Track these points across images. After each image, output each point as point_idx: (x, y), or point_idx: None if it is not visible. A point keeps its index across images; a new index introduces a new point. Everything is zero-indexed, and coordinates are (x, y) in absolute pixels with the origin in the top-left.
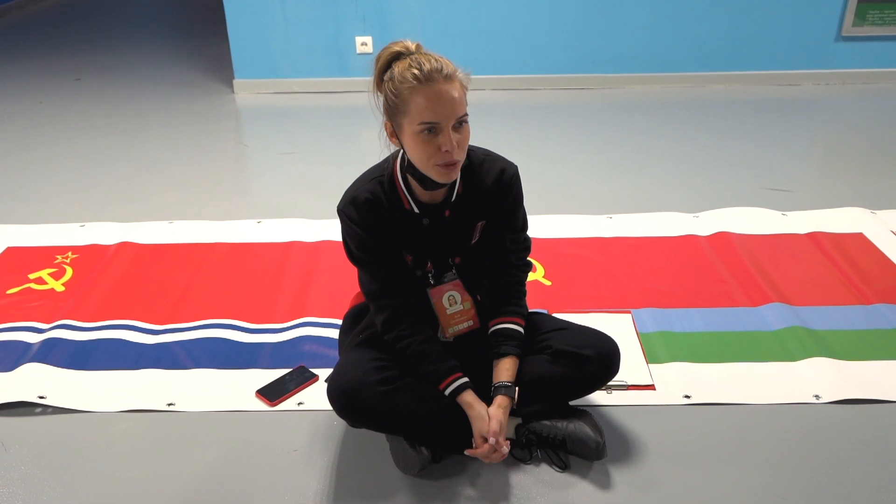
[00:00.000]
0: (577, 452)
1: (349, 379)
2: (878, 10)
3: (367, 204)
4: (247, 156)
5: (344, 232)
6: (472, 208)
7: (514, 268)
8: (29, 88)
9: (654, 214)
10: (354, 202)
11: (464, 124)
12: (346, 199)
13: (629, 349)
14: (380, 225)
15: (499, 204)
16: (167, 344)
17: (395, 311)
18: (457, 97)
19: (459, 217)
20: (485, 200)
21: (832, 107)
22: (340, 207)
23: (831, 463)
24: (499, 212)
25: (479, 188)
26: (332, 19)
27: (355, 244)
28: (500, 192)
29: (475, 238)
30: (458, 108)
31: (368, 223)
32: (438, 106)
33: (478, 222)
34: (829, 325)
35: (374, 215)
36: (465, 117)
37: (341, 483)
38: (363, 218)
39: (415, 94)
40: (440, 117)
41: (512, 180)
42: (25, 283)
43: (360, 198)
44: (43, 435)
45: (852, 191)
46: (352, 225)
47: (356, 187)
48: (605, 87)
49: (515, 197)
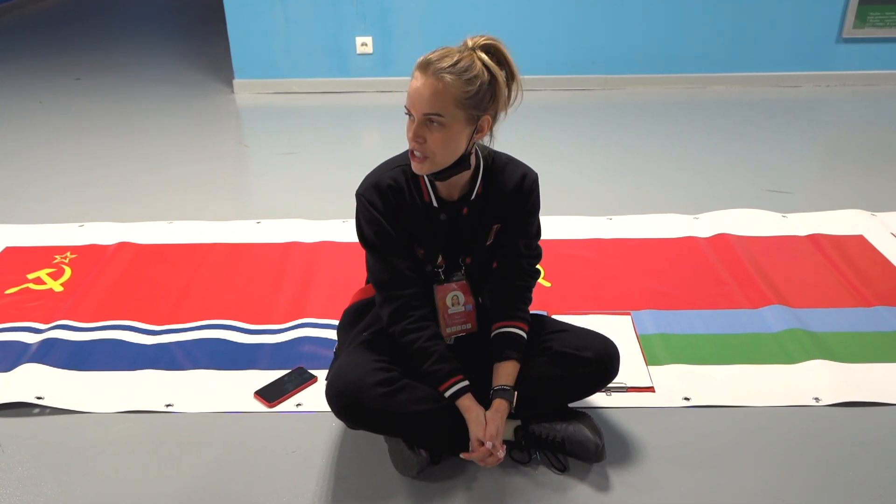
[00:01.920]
0: (576, 454)
1: (348, 380)
2: (878, 11)
3: (390, 190)
4: (247, 156)
5: (360, 217)
6: (490, 210)
7: (525, 272)
8: (29, 88)
9: (654, 216)
10: (377, 187)
11: (437, 125)
12: (368, 183)
13: (628, 351)
14: (399, 213)
15: (517, 208)
16: (166, 344)
17: (404, 303)
18: (426, 95)
19: (477, 217)
20: (503, 203)
21: (833, 108)
22: (360, 192)
23: (830, 465)
24: (515, 216)
25: (499, 191)
26: (332, 19)
27: (373, 230)
28: (520, 197)
29: (490, 240)
30: (423, 105)
31: (388, 209)
32: (411, 95)
33: (494, 224)
34: (829, 328)
35: (394, 202)
36: (434, 117)
37: (340, 485)
38: (384, 203)
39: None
40: (410, 105)
41: (532, 186)
42: (24, 283)
43: (382, 183)
44: (41, 436)
45: (852, 192)
46: (371, 210)
47: (379, 172)
48: (605, 88)
49: (534, 203)
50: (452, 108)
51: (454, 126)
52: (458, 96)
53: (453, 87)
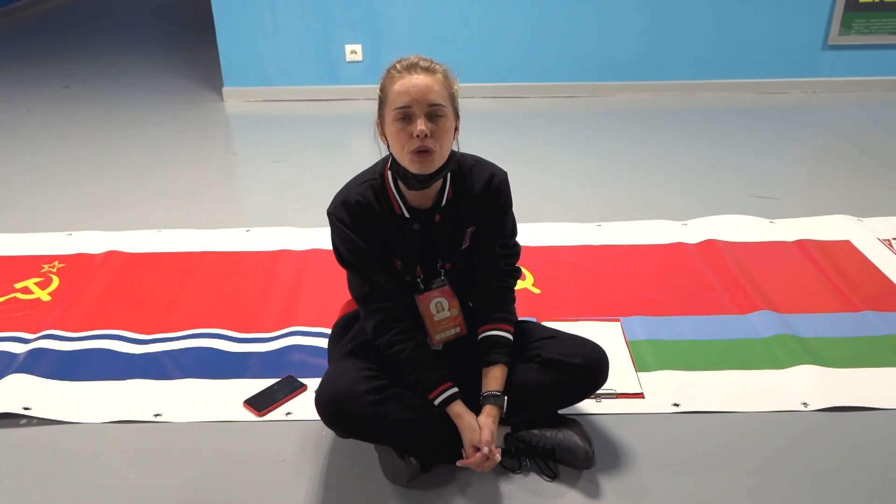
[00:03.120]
0: (566, 461)
1: (338, 389)
2: (863, 19)
3: (359, 206)
4: (236, 164)
5: (334, 235)
6: (462, 214)
7: (503, 273)
8: (17, 96)
9: (642, 222)
10: (345, 204)
11: (441, 117)
12: (337, 201)
13: (618, 357)
14: (370, 228)
15: (488, 210)
16: (154, 354)
17: (386, 315)
18: (433, 87)
19: (449, 223)
20: (474, 206)
21: (819, 115)
22: (330, 210)
23: (819, 470)
24: (488, 217)
25: (468, 194)
26: (322, 27)
27: (346, 247)
28: (489, 198)
29: (465, 244)
30: (431, 96)
31: (359, 226)
32: (412, 91)
33: (468, 228)
34: (817, 333)
35: (364, 218)
36: (439, 108)
37: (329, 494)
38: (354, 220)
39: (393, 83)
40: (411, 102)
41: (500, 186)
42: (11, 292)
43: (350, 200)
44: (28, 447)
45: (839, 198)
46: (342, 228)
47: (347, 190)
48: (594, 94)
49: (504, 203)
50: (447, 100)
51: (449, 120)
52: (448, 91)
53: (446, 81)
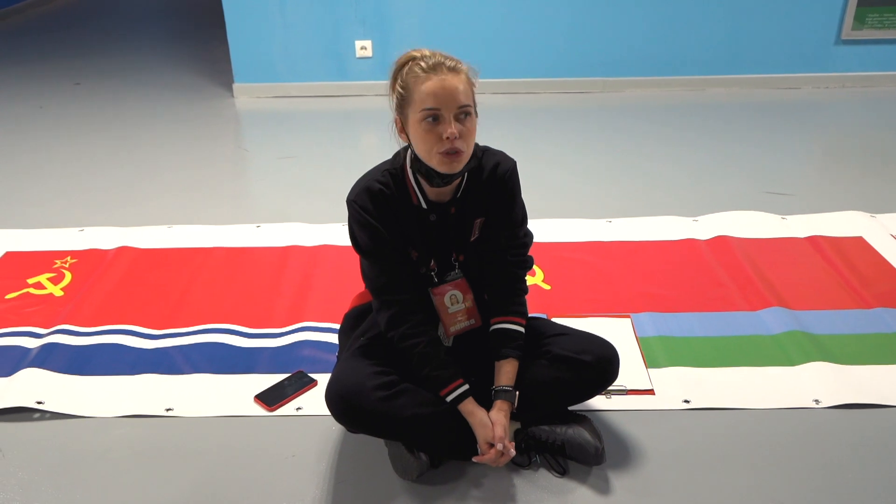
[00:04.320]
0: (576, 458)
1: (347, 384)
2: (877, 13)
3: (381, 194)
4: (246, 160)
5: (353, 223)
6: (472, 205)
7: (512, 265)
8: (29, 92)
9: (653, 218)
10: (368, 191)
11: (468, 116)
12: (358, 188)
13: (628, 354)
14: (391, 216)
15: (496, 199)
16: (165, 349)
17: (401, 308)
18: (460, 88)
19: (461, 214)
20: (483, 196)
21: (831, 110)
22: (352, 198)
23: (830, 468)
24: (496, 207)
25: (477, 183)
26: (331, 23)
27: (367, 234)
28: (496, 187)
29: (474, 235)
30: (461, 98)
31: (381, 213)
32: (441, 93)
33: (476, 219)
34: (829, 330)
35: (386, 206)
36: (468, 108)
37: (339, 489)
38: (377, 207)
39: (420, 84)
40: (441, 104)
41: (507, 174)
42: (24, 287)
43: (373, 187)
44: (41, 440)
45: (852, 194)
46: (364, 215)
47: (368, 178)
48: (604, 90)
49: (511, 191)
50: (472, 99)
51: (474, 118)
52: (472, 89)
53: (469, 80)
